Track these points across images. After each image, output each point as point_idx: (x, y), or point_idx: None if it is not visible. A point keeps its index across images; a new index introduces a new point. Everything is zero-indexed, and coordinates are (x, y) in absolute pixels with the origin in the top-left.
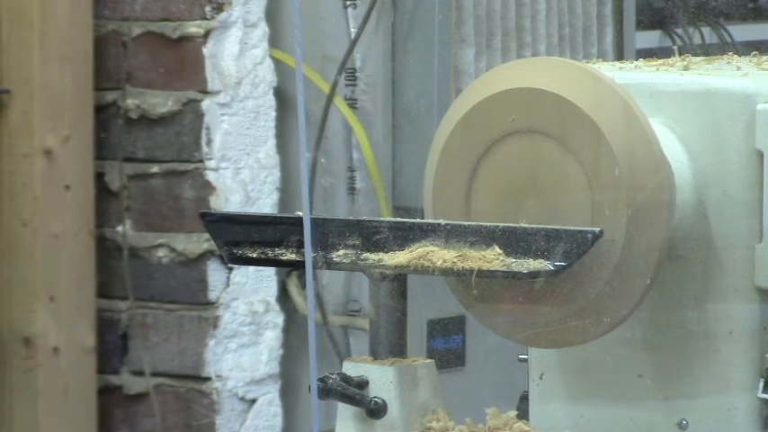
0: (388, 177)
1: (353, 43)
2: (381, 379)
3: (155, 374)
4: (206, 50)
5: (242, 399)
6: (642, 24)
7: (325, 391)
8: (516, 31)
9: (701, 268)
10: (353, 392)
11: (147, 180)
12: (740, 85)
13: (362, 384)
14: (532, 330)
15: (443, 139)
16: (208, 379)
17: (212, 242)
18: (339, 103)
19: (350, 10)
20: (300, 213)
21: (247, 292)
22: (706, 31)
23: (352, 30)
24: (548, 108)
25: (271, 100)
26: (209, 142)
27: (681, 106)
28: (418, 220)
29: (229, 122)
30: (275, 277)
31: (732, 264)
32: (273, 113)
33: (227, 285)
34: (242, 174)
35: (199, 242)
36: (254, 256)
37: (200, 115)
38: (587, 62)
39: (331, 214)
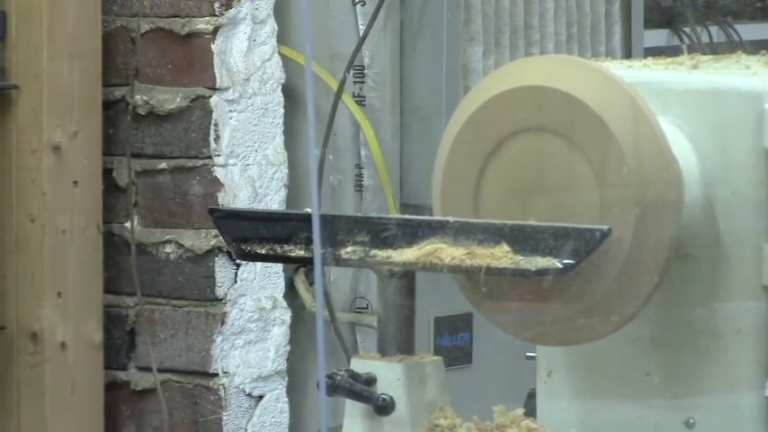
0: (395, 175)
1: (362, 40)
2: (389, 376)
3: (162, 370)
4: (214, 47)
5: (249, 395)
6: (650, 23)
7: (334, 388)
8: (525, 29)
9: (709, 267)
10: (361, 389)
11: (155, 176)
12: (748, 84)
13: (370, 381)
14: (540, 328)
15: (452, 137)
16: (215, 375)
17: (220, 238)
18: (347, 101)
19: (358, 7)
20: (309, 210)
21: (255, 289)
22: (714, 30)
23: (361, 27)
24: (556, 106)
25: (279, 97)
26: (217, 139)
27: (689, 105)
28: (427, 218)
29: (237, 119)
30: (282, 274)
31: (740, 262)
32: (281, 110)
33: (235, 282)
34: (250, 170)
35: (206, 238)
36: (263, 252)
37: (208, 112)
38: (596, 60)
39: (339, 211)
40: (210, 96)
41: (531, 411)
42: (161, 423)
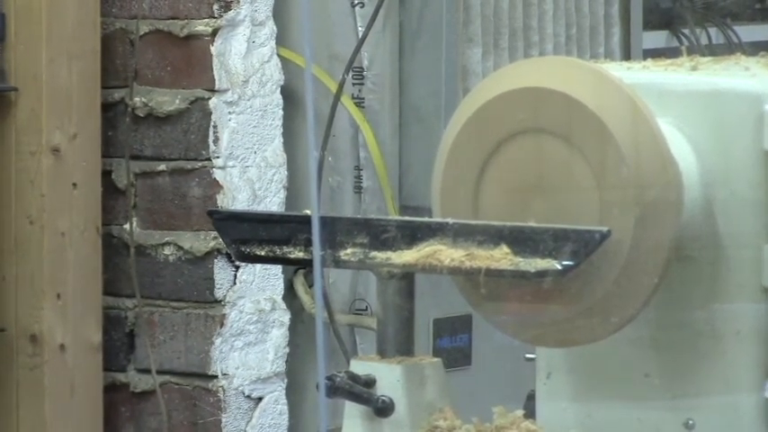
0: (394, 176)
1: (361, 42)
2: (389, 377)
3: (161, 372)
4: (213, 49)
5: (248, 397)
6: (649, 25)
7: (333, 390)
8: (524, 30)
9: (709, 268)
10: (361, 391)
11: (154, 178)
12: (748, 86)
13: (370, 383)
14: (540, 330)
15: (451, 139)
16: (214, 377)
17: (219, 240)
18: (346, 102)
19: (357, 9)
20: (308, 212)
21: (254, 291)
22: (713, 31)
23: (360, 29)
24: (555, 108)
25: (278, 98)
26: (216, 140)
27: (689, 106)
28: (426, 219)
29: (236, 121)
30: (282, 275)
31: (739, 264)
32: (280, 112)
33: (234, 283)
34: (249, 172)
35: (206, 240)
36: (262, 254)
37: (207, 113)
38: (595, 62)
39: (338, 213)
40: (209, 98)
41: (530, 413)
42: (160, 425)
